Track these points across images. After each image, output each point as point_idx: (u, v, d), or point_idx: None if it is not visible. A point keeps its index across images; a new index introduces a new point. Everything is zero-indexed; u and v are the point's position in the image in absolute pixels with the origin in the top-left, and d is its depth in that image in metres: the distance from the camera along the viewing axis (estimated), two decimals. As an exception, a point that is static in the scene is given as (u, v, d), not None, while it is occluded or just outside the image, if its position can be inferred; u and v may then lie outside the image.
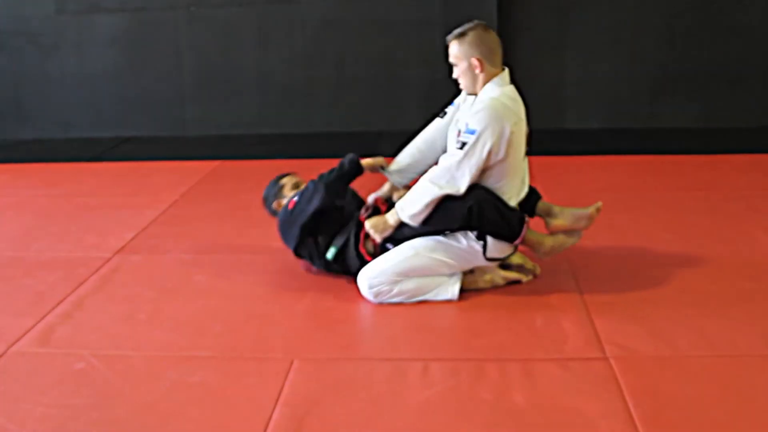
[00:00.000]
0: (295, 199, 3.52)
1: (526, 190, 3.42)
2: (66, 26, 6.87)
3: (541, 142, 6.13)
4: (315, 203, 3.40)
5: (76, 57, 6.91)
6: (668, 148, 5.77)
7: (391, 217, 3.28)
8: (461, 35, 3.21)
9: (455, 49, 3.24)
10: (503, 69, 3.27)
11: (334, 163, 3.57)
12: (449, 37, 3.25)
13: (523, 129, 3.30)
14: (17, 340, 3.10)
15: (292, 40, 6.65)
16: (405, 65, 6.52)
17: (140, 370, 2.87)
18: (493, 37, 3.24)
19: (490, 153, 3.13)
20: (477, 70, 3.21)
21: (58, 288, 3.60)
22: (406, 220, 3.24)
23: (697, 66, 6.34)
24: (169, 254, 4.02)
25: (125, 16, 6.78)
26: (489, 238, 3.23)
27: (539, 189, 3.64)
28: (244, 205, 4.60)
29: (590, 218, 3.41)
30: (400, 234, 3.30)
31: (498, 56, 3.24)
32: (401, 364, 2.82)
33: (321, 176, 3.47)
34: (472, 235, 3.24)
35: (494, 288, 3.40)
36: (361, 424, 2.49)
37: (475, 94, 3.28)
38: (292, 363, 2.85)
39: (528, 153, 3.44)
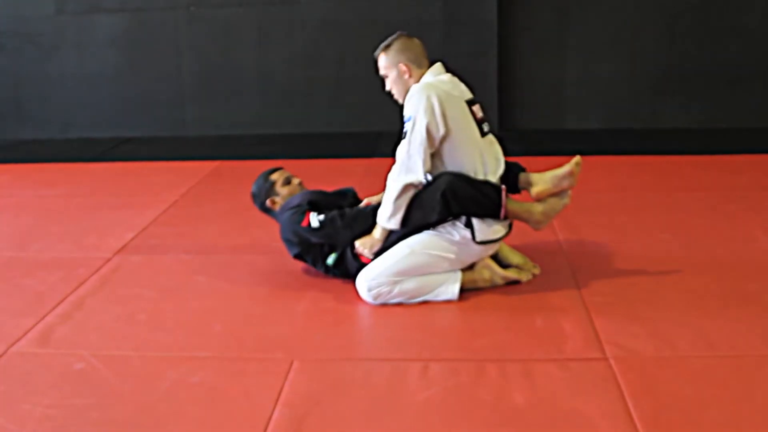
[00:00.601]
0: (312, 222, 3.43)
1: (501, 168, 3.37)
2: (66, 26, 6.87)
3: (541, 142, 6.20)
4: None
5: (76, 57, 6.91)
6: (668, 148, 5.77)
7: (376, 232, 3.32)
8: (386, 47, 3.36)
9: (383, 61, 3.37)
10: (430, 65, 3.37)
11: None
12: (376, 52, 3.38)
13: (458, 104, 3.26)
14: (17, 341, 3.10)
15: (292, 40, 6.65)
16: (405, 65, 6.52)
17: (140, 370, 2.87)
18: (417, 43, 3.38)
19: (429, 131, 3.16)
20: (406, 76, 3.33)
21: (58, 288, 3.60)
22: (386, 225, 3.27)
23: (697, 66, 6.35)
24: (169, 254, 4.01)
25: (125, 16, 6.78)
26: (474, 220, 3.23)
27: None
28: (244, 205, 4.58)
29: (572, 175, 3.34)
30: (389, 243, 3.31)
31: (424, 59, 3.37)
32: (401, 364, 2.82)
33: (342, 215, 3.42)
34: (459, 223, 3.24)
35: (494, 288, 3.40)
36: (361, 424, 2.49)
37: None
38: (292, 363, 2.85)
39: (494, 133, 3.45)
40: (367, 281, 3.28)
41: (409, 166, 3.19)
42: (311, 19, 6.59)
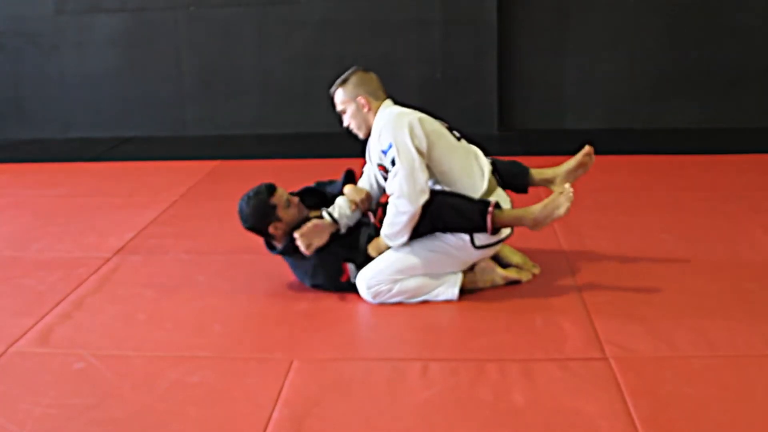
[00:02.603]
0: (352, 276, 3.37)
1: (488, 162, 3.38)
2: (66, 26, 6.86)
3: (541, 142, 6.19)
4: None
5: (76, 57, 6.91)
6: (668, 148, 5.76)
7: (382, 241, 3.31)
8: (344, 81, 3.37)
9: (341, 96, 3.37)
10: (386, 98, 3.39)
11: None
12: (332, 88, 3.38)
13: (430, 120, 3.31)
14: (17, 340, 3.10)
15: (292, 40, 6.65)
16: (405, 65, 6.52)
17: (140, 370, 2.87)
18: (374, 77, 3.40)
19: (417, 147, 3.16)
20: (365, 109, 3.33)
21: (58, 288, 3.60)
22: (392, 244, 3.27)
23: (697, 66, 6.34)
24: (169, 254, 4.01)
25: (125, 16, 6.78)
26: None
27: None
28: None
29: (584, 165, 3.54)
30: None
31: (381, 92, 3.39)
32: (401, 364, 2.82)
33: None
34: None
35: (494, 288, 3.40)
36: (361, 424, 2.49)
37: (369, 133, 3.36)
38: (292, 363, 2.85)
39: (467, 138, 3.46)
40: (366, 279, 3.28)
41: (411, 195, 3.15)
42: (311, 19, 6.59)
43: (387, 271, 3.26)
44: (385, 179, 3.27)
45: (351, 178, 3.57)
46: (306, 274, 3.44)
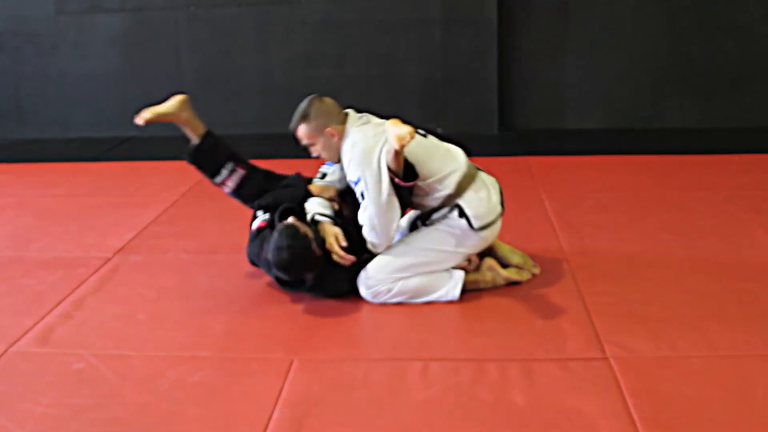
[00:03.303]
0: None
1: (460, 152, 3.38)
2: (66, 26, 6.86)
3: (541, 142, 6.19)
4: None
5: (76, 57, 6.90)
6: (668, 148, 5.76)
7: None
8: (304, 117, 3.29)
9: (306, 131, 3.31)
10: (346, 115, 3.33)
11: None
12: (293, 124, 3.33)
13: (383, 134, 3.21)
14: (17, 340, 3.10)
15: (292, 40, 6.64)
16: (405, 65, 6.52)
17: (140, 370, 2.87)
18: (330, 101, 3.35)
19: (385, 182, 3.13)
20: (335, 138, 3.28)
21: (58, 288, 3.60)
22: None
23: (697, 66, 6.34)
24: (169, 254, 4.02)
25: (125, 16, 6.77)
26: (466, 208, 3.24)
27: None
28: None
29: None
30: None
31: (341, 113, 3.33)
32: (401, 364, 2.82)
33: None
34: (453, 215, 3.26)
35: (494, 288, 3.40)
36: (361, 424, 2.49)
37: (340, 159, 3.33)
38: (292, 363, 2.85)
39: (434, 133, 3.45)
40: (365, 279, 3.28)
41: (381, 230, 3.20)
42: (311, 19, 6.59)
43: (387, 270, 3.26)
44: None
45: (307, 180, 3.56)
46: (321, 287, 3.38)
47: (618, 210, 4.41)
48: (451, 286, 3.30)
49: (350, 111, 3.37)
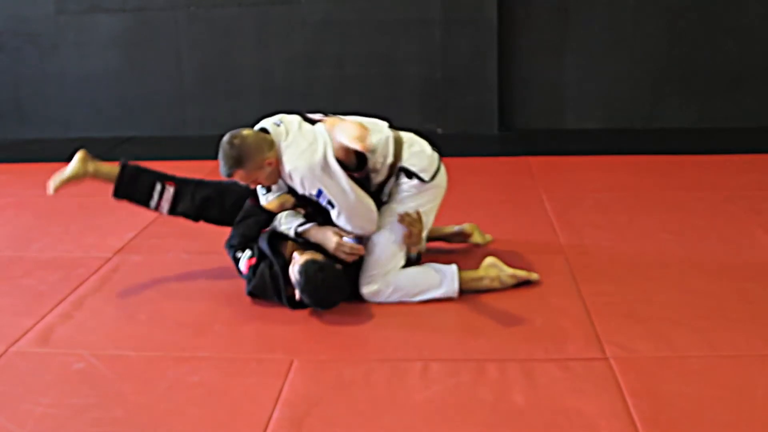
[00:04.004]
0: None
1: (382, 123, 3.39)
2: (66, 26, 6.86)
3: (541, 142, 6.19)
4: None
5: (76, 57, 6.90)
6: (668, 148, 5.76)
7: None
8: (238, 162, 3.16)
9: (245, 173, 3.19)
10: (266, 132, 3.24)
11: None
12: (226, 172, 3.21)
13: (325, 138, 3.18)
14: (17, 340, 3.10)
15: (292, 40, 6.64)
16: (405, 65, 6.52)
17: (140, 370, 2.87)
18: (249, 133, 3.23)
19: (342, 179, 3.12)
20: (273, 165, 3.19)
21: (58, 288, 3.60)
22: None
23: (697, 66, 6.34)
24: (169, 254, 4.01)
25: (125, 16, 6.77)
26: (409, 167, 3.29)
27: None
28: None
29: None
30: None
31: (268, 139, 3.20)
32: (401, 364, 2.82)
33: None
34: (404, 179, 3.29)
35: (494, 288, 3.39)
36: (361, 424, 2.49)
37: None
38: (292, 363, 2.85)
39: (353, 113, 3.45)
40: (361, 278, 3.30)
41: (363, 223, 3.23)
42: (311, 19, 6.59)
43: (373, 263, 3.28)
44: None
45: (256, 200, 3.48)
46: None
47: (618, 210, 4.41)
48: (449, 281, 3.29)
49: (268, 125, 3.27)
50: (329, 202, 3.17)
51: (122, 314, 3.33)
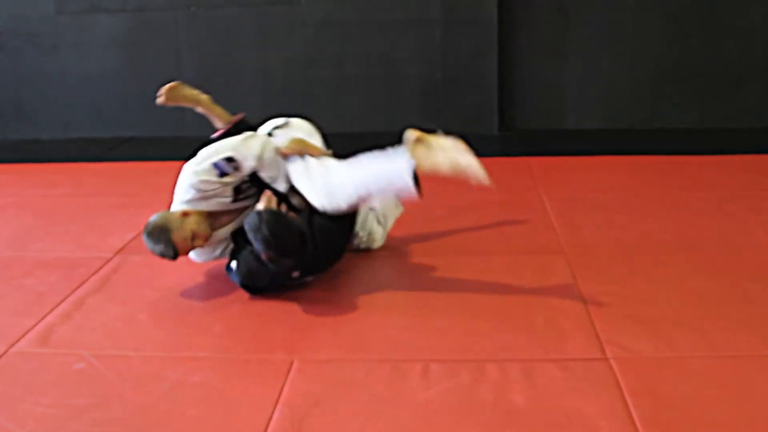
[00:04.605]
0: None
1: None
2: (66, 26, 6.86)
3: (541, 142, 6.19)
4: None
5: (76, 57, 6.90)
6: (668, 148, 5.76)
7: None
8: (168, 246, 3.32)
9: (182, 247, 3.35)
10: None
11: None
12: (170, 255, 3.36)
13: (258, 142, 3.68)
14: (17, 340, 3.10)
15: (292, 40, 6.64)
16: (405, 65, 6.52)
17: (140, 370, 2.87)
18: (155, 220, 3.40)
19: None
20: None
21: (58, 288, 3.60)
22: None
23: (697, 66, 6.33)
24: (169, 254, 4.01)
25: (125, 16, 6.77)
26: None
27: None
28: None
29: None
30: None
31: (171, 214, 3.44)
32: (401, 365, 2.82)
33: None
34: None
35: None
36: (361, 424, 2.49)
37: None
38: (292, 363, 2.85)
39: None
40: (319, 203, 3.39)
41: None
42: (311, 19, 6.58)
43: (315, 189, 3.38)
44: None
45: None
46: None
47: (618, 210, 4.41)
48: (404, 175, 3.16)
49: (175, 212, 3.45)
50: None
51: (122, 314, 3.33)
